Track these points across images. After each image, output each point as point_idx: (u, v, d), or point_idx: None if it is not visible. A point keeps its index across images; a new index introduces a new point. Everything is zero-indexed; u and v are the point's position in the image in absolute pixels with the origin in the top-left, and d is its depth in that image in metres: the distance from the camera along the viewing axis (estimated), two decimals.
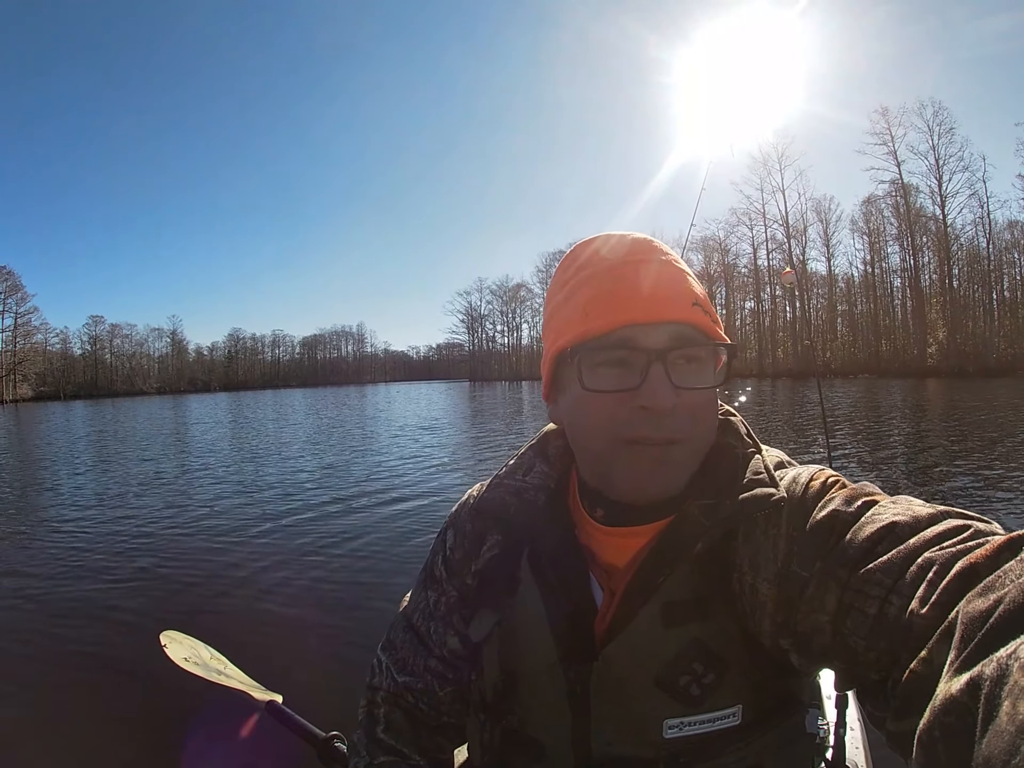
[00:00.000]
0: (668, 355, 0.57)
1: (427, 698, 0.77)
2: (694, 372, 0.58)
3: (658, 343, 0.57)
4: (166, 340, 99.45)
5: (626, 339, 0.58)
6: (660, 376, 0.56)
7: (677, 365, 0.58)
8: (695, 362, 0.59)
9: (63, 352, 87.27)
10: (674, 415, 0.57)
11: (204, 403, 46.22)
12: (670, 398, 0.56)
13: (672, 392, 0.56)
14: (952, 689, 0.31)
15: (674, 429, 0.57)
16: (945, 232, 45.90)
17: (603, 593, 0.64)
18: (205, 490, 8.29)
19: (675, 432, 0.57)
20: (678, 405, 0.57)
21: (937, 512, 0.48)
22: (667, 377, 0.56)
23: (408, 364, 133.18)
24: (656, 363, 0.56)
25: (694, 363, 0.59)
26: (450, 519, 0.80)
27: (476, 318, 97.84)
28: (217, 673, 1.19)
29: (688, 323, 0.58)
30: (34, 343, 78.00)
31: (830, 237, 54.59)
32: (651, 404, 0.56)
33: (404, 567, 4.53)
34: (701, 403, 0.58)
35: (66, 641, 3.49)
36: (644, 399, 0.56)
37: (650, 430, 0.57)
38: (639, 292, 0.58)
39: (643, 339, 0.57)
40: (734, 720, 0.58)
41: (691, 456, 0.59)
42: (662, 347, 0.57)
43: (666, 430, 0.56)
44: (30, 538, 6.07)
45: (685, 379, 0.57)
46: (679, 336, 0.57)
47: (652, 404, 0.56)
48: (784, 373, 50.42)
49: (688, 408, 0.57)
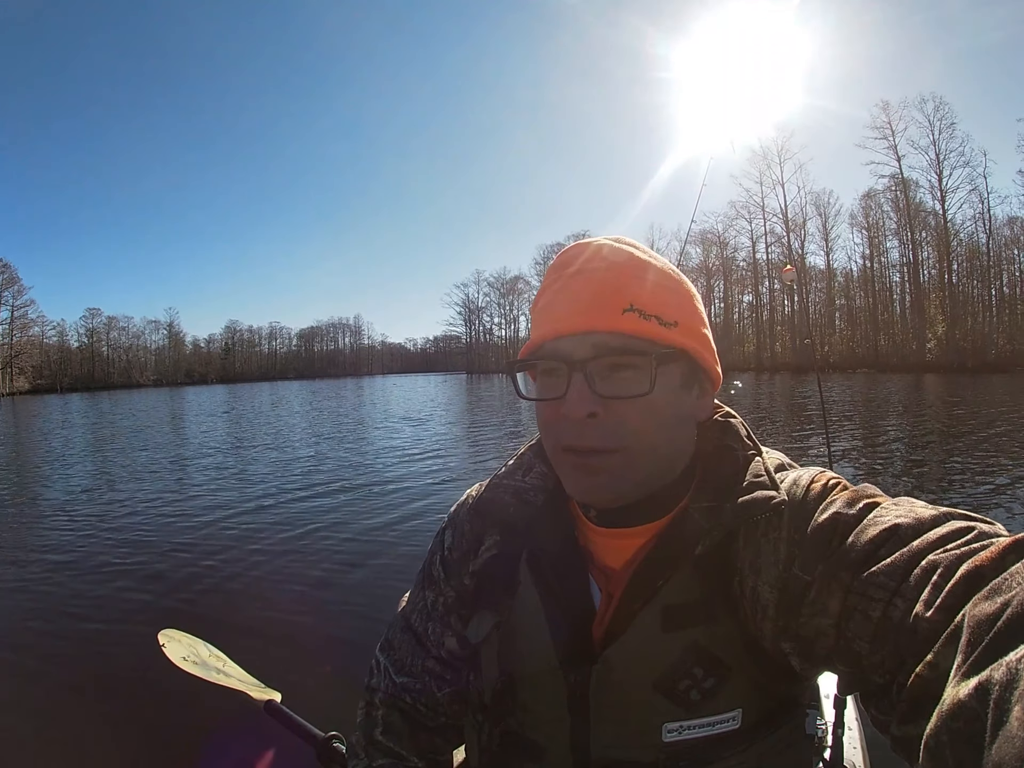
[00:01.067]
0: (588, 365, 0.57)
1: (425, 699, 0.77)
2: (624, 380, 0.57)
3: (580, 353, 0.57)
4: (163, 332, 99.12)
5: (554, 351, 0.59)
6: (579, 386, 0.57)
7: (604, 374, 0.58)
8: (626, 370, 0.58)
9: (60, 345, 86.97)
10: (601, 424, 0.57)
11: (201, 395, 46.08)
12: (586, 407, 0.56)
13: (591, 401, 0.56)
14: (960, 694, 0.31)
15: (598, 438, 0.57)
16: (945, 227, 45.76)
17: (601, 595, 0.64)
18: (202, 486, 8.26)
19: (599, 441, 0.57)
20: (605, 414, 0.57)
21: (940, 514, 0.48)
22: (588, 387, 0.57)
23: (405, 356, 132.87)
24: (576, 373, 0.57)
25: (625, 371, 0.58)
26: (448, 519, 0.80)
27: (473, 310, 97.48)
28: (216, 672, 1.19)
29: (615, 332, 0.57)
30: (31, 336, 77.59)
31: (829, 231, 54.55)
32: (568, 413, 0.57)
33: (403, 566, 4.51)
34: (631, 412, 0.57)
35: (62, 640, 3.48)
36: (564, 408, 0.58)
37: (573, 439, 0.58)
38: (567, 304, 0.59)
39: (567, 350, 0.58)
40: (734, 724, 0.58)
41: (630, 464, 0.58)
42: (584, 357, 0.57)
43: (589, 439, 0.57)
44: (24, 535, 6.05)
45: (612, 388, 0.57)
46: (603, 346, 0.57)
47: (568, 413, 0.57)
48: (782, 367, 50.40)
49: (616, 416, 0.57)
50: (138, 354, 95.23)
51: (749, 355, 58.46)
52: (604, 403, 0.57)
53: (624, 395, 0.57)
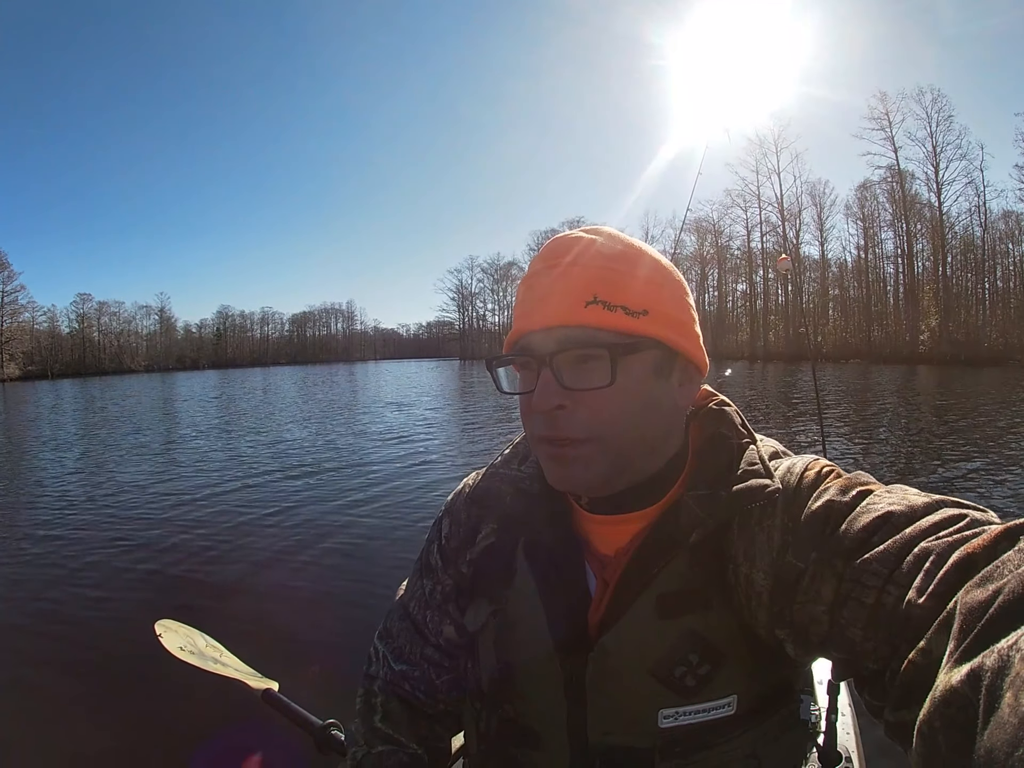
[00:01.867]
0: (555, 358, 0.59)
1: (424, 686, 0.77)
2: (589, 372, 0.59)
3: (545, 348, 0.59)
4: (154, 318, 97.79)
5: (524, 346, 0.62)
6: (546, 379, 0.58)
7: (571, 366, 0.59)
8: (590, 361, 0.59)
9: (51, 331, 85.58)
10: (571, 415, 0.58)
11: (192, 381, 45.80)
12: (553, 400, 0.58)
13: (557, 394, 0.58)
14: (952, 680, 0.31)
15: (569, 428, 0.58)
16: (941, 220, 45.64)
17: (597, 583, 0.65)
18: (197, 475, 8.24)
19: (570, 431, 0.58)
20: (573, 406, 0.58)
21: (933, 501, 0.48)
22: (554, 379, 0.58)
23: (398, 342, 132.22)
24: (544, 367, 0.59)
25: (589, 363, 0.59)
26: (446, 508, 0.81)
27: (467, 296, 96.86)
28: (213, 662, 1.19)
29: (578, 325, 0.58)
30: (21, 322, 76.37)
31: (824, 221, 54.47)
32: (535, 406, 0.59)
33: (401, 555, 4.52)
34: (599, 402, 0.58)
35: (58, 631, 3.48)
36: (533, 401, 0.59)
37: (545, 430, 0.60)
38: (534, 301, 0.61)
39: (535, 345, 0.60)
40: (729, 710, 0.59)
41: (604, 453, 0.59)
42: (549, 351, 0.59)
43: (559, 430, 0.59)
44: (18, 526, 6.03)
45: (578, 380, 0.59)
46: (567, 339, 0.58)
47: (535, 406, 0.59)
48: (776, 356, 50.51)
49: (583, 408, 0.58)
50: (129, 339, 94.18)
51: (743, 344, 58.49)
52: (571, 395, 0.58)
53: (587, 387, 0.58)
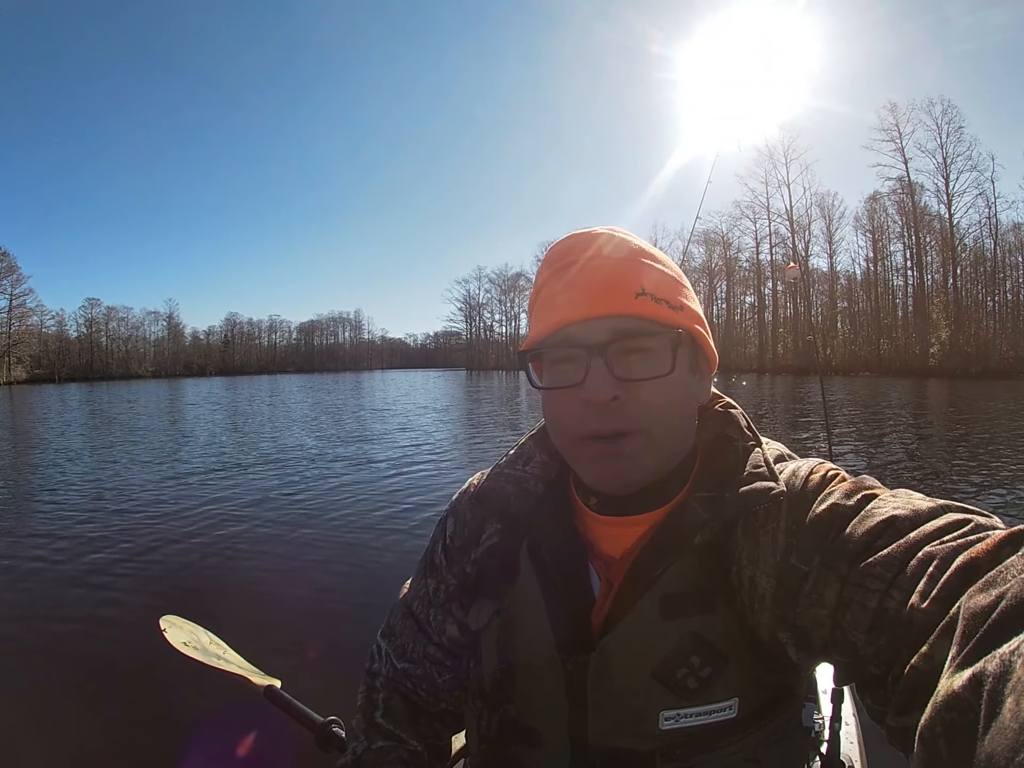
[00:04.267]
0: (608, 348, 0.58)
1: (426, 684, 0.77)
2: (642, 363, 0.58)
3: (597, 338, 0.58)
4: (162, 324, 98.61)
5: (568, 337, 0.60)
6: (599, 370, 0.57)
7: (621, 358, 0.58)
8: (642, 353, 0.59)
9: (59, 334, 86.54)
10: (622, 407, 0.57)
11: (200, 387, 46.04)
12: (609, 391, 0.57)
13: (613, 385, 0.57)
14: (954, 685, 0.31)
15: (622, 420, 0.57)
16: (951, 232, 45.46)
17: (601, 584, 0.65)
18: (202, 474, 8.26)
19: (624, 424, 0.58)
20: (626, 397, 0.57)
21: (937, 506, 0.48)
22: (608, 370, 0.57)
23: (405, 352, 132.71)
24: (596, 357, 0.57)
25: (641, 354, 0.59)
26: (451, 507, 0.81)
27: (474, 307, 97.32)
28: (216, 658, 1.20)
29: (630, 315, 0.58)
30: (29, 325, 77.04)
31: (833, 233, 54.41)
32: (590, 397, 0.57)
33: (405, 554, 4.53)
34: (652, 393, 0.58)
35: (63, 626, 3.49)
36: (585, 393, 0.58)
37: (597, 423, 0.58)
38: (578, 290, 0.59)
39: (582, 335, 0.59)
40: (730, 713, 0.59)
41: (651, 447, 0.59)
42: (601, 341, 0.58)
43: (613, 422, 0.58)
44: (23, 523, 6.05)
45: (630, 371, 0.58)
46: (618, 329, 0.58)
47: (591, 397, 0.57)
48: (785, 369, 50.28)
49: (637, 399, 0.58)
50: (137, 345, 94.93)
51: (751, 356, 58.33)
52: (624, 386, 0.57)
53: (646, 376, 0.58)
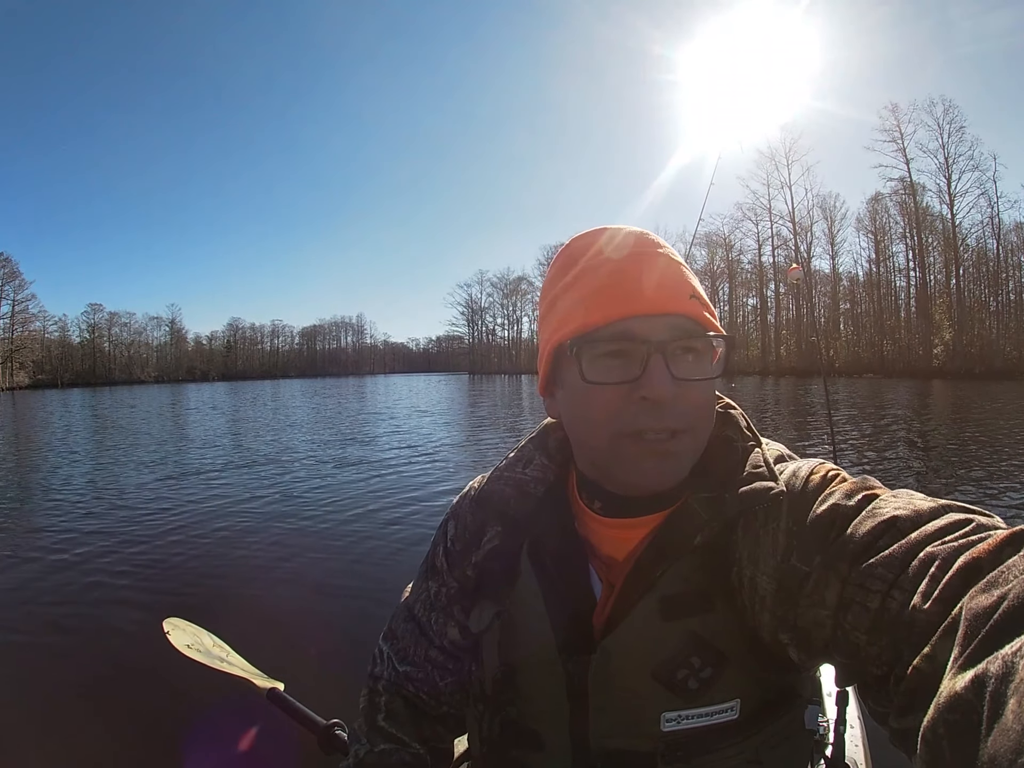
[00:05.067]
0: (668, 346, 0.57)
1: (428, 688, 0.77)
2: (693, 364, 0.59)
3: (658, 334, 0.57)
4: (165, 329, 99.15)
5: (626, 331, 0.58)
6: (660, 367, 0.56)
7: (676, 357, 0.58)
8: (693, 354, 0.59)
9: (61, 340, 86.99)
10: (674, 406, 0.57)
11: (203, 392, 46.10)
12: (671, 388, 0.56)
13: (672, 383, 0.56)
14: (957, 686, 0.31)
15: (675, 419, 0.57)
16: (953, 232, 45.27)
17: (602, 586, 0.65)
18: (206, 477, 8.26)
19: (676, 422, 0.57)
20: (678, 396, 0.57)
21: (939, 506, 0.48)
22: (667, 368, 0.56)
23: (407, 356, 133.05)
24: (656, 354, 0.56)
25: (693, 355, 0.59)
26: (451, 511, 0.81)
27: (476, 311, 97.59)
28: (219, 660, 1.20)
29: (686, 315, 0.58)
30: (32, 330, 77.47)
31: (835, 235, 54.35)
32: (652, 395, 0.56)
33: (406, 557, 4.53)
34: (701, 394, 0.59)
35: (67, 628, 3.49)
36: (645, 389, 0.56)
37: (652, 421, 0.57)
38: (639, 285, 0.58)
39: (643, 331, 0.57)
40: (732, 714, 0.58)
41: (693, 446, 0.60)
42: (662, 338, 0.57)
43: (667, 420, 0.57)
44: (27, 526, 6.05)
45: (684, 370, 0.58)
46: (678, 328, 0.58)
47: (652, 394, 0.56)
48: (787, 371, 50.18)
49: (688, 399, 0.58)
50: (140, 350, 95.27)
51: (754, 359, 58.23)
52: (679, 384, 0.57)
53: (700, 377, 0.58)
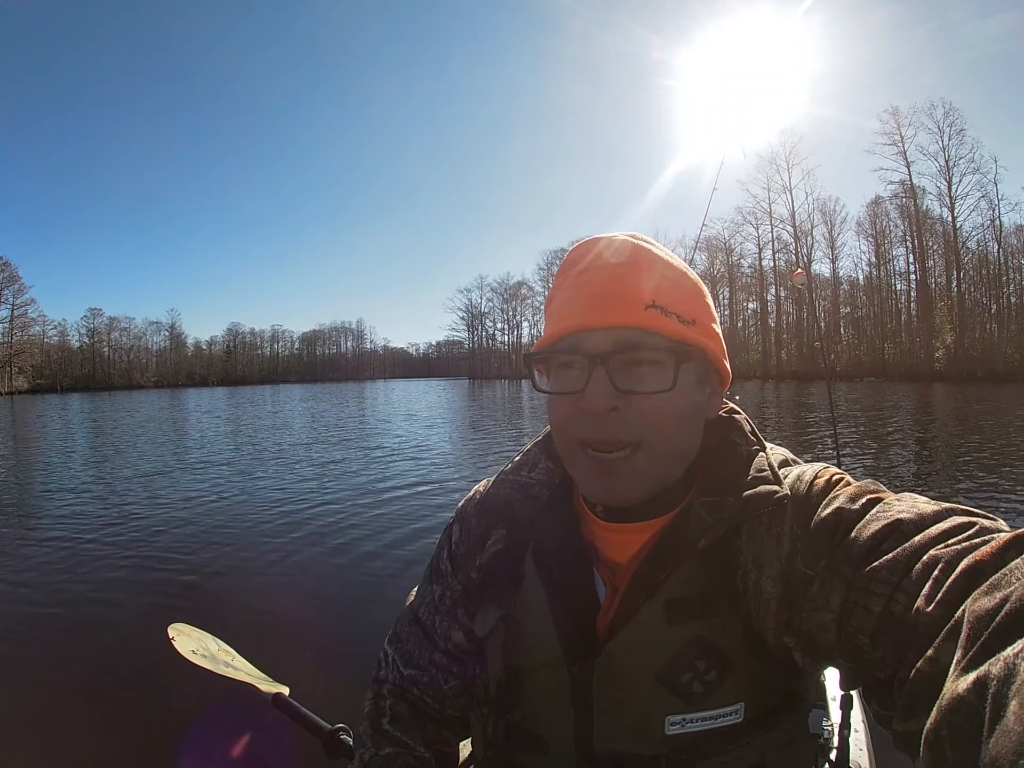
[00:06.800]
0: (611, 359, 0.57)
1: (432, 691, 0.77)
2: (644, 376, 0.58)
3: (601, 347, 0.57)
4: (164, 334, 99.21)
5: (575, 344, 0.59)
6: (600, 379, 0.57)
7: (624, 368, 0.58)
8: (646, 365, 0.58)
9: (61, 344, 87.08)
10: (621, 418, 0.57)
11: (202, 397, 46.06)
12: (608, 401, 0.56)
13: (613, 395, 0.56)
14: (959, 689, 0.31)
15: (620, 431, 0.57)
16: (955, 235, 45.25)
17: (606, 589, 0.65)
18: (210, 483, 8.26)
19: (621, 434, 0.57)
20: (626, 408, 0.57)
21: (942, 509, 0.48)
22: (609, 380, 0.56)
23: (408, 361, 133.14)
24: (598, 367, 0.57)
25: (644, 367, 0.58)
26: (456, 514, 0.81)
27: (476, 316, 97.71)
28: (225, 665, 1.20)
29: (636, 327, 0.57)
30: (31, 335, 77.56)
31: (835, 239, 54.43)
32: (587, 406, 0.57)
33: (410, 561, 4.53)
34: (652, 407, 0.57)
35: (73, 633, 3.49)
36: (584, 401, 0.57)
37: (593, 432, 0.58)
38: (588, 297, 0.59)
39: (588, 344, 0.58)
40: (736, 718, 0.59)
41: (651, 462, 0.59)
42: (604, 351, 0.57)
43: (610, 432, 0.57)
44: (31, 532, 6.03)
45: (632, 383, 0.57)
46: (623, 340, 0.57)
47: (588, 406, 0.57)
48: (789, 375, 50.18)
49: (638, 411, 0.57)
50: (139, 355, 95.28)
51: (755, 363, 58.20)
52: (625, 398, 0.57)
53: (647, 390, 0.57)
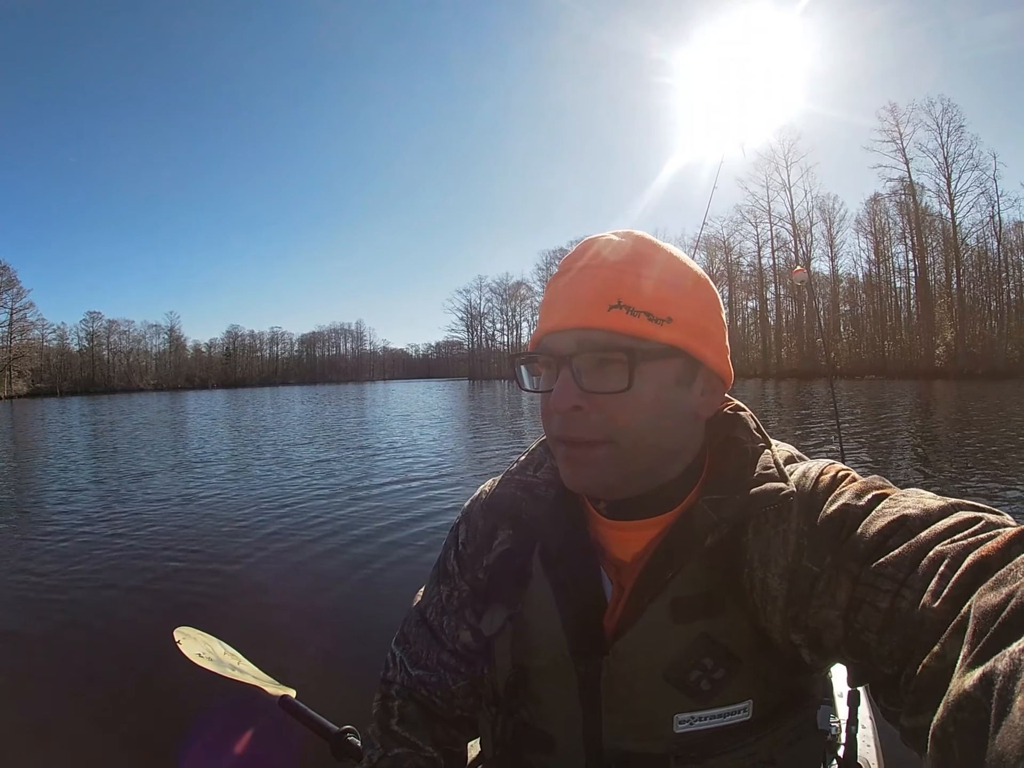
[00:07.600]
0: (573, 360, 0.59)
1: (440, 691, 0.78)
2: (608, 376, 0.58)
3: (566, 348, 0.59)
4: (164, 337, 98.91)
5: (547, 346, 0.62)
6: (564, 379, 0.58)
7: (591, 369, 0.59)
8: (609, 365, 0.58)
9: (60, 348, 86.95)
10: (586, 417, 0.58)
11: (202, 400, 46.04)
12: (569, 400, 0.58)
13: (576, 395, 0.58)
14: (965, 684, 0.31)
15: (584, 430, 0.59)
16: (954, 231, 45.21)
17: (612, 588, 0.65)
18: (215, 486, 8.25)
19: (585, 433, 0.58)
20: (590, 407, 0.58)
21: (948, 504, 0.48)
22: (572, 380, 0.58)
23: (407, 362, 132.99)
24: (564, 367, 0.59)
25: (608, 366, 0.58)
26: (463, 514, 0.81)
27: (475, 316, 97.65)
28: (231, 668, 1.19)
29: (599, 328, 0.58)
30: (30, 339, 77.48)
31: (834, 236, 54.45)
32: (552, 406, 0.60)
33: (418, 562, 4.53)
34: (616, 406, 0.58)
35: (78, 637, 3.48)
36: (550, 400, 0.60)
37: (563, 430, 0.60)
38: (559, 300, 0.61)
39: (556, 345, 0.60)
40: (744, 715, 0.59)
41: (618, 458, 0.59)
42: (568, 352, 0.59)
43: (574, 430, 0.59)
44: (35, 535, 6.02)
45: (595, 383, 0.58)
46: (586, 341, 0.58)
47: (552, 405, 0.59)
48: (788, 374, 50.18)
49: (600, 411, 0.58)
50: (139, 358, 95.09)
51: (755, 361, 58.17)
52: (588, 397, 0.58)
53: (606, 390, 0.58)
